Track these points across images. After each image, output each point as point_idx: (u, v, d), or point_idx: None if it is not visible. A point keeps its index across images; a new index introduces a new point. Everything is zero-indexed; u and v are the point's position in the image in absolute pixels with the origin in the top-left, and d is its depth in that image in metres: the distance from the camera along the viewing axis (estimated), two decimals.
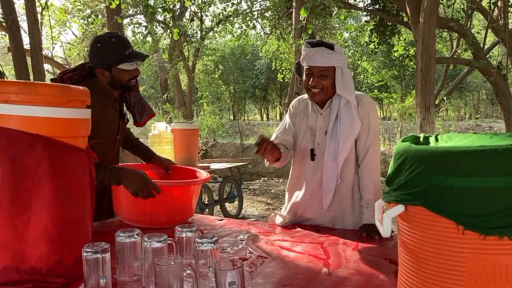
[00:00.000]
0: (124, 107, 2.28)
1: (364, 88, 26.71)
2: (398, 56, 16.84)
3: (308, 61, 2.00)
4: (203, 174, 2.23)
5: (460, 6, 9.56)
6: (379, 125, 2.12)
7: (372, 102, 2.11)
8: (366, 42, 11.28)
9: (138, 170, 1.95)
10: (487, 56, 8.51)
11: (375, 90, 23.96)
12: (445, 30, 10.55)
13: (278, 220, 2.13)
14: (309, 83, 2.01)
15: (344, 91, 1.99)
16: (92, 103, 1.53)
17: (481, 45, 7.29)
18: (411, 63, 20.40)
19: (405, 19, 8.54)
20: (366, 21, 11.05)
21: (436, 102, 10.43)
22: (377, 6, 9.40)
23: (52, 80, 2.10)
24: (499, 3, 6.97)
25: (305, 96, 2.17)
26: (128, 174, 1.90)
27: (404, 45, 14.81)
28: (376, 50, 10.97)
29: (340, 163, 1.99)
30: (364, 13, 10.09)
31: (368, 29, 10.64)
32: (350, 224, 2.05)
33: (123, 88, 2.14)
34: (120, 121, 2.21)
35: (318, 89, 2.01)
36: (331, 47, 1.99)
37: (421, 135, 1.05)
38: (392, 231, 1.14)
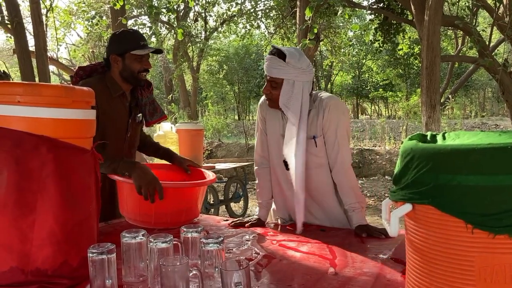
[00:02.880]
0: (139, 114, 2.29)
1: (369, 87, 26.69)
2: (403, 54, 16.81)
3: (264, 67, 1.98)
4: (209, 175, 2.22)
5: (465, 3, 9.52)
6: (349, 127, 2.07)
7: (341, 105, 2.03)
8: (371, 40, 11.24)
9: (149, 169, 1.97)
10: (493, 53, 8.46)
11: (380, 89, 23.93)
12: (450, 28, 10.51)
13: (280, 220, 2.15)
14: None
15: (286, 108, 1.92)
16: (99, 94, 1.57)
17: (487, 43, 7.24)
18: (416, 61, 20.38)
19: (410, 17, 8.51)
20: (370, 20, 11.02)
21: (442, 100, 10.39)
22: (381, 5, 9.37)
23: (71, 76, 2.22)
24: (504, 0, 6.93)
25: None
26: (142, 169, 1.92)
27: (408, 43, 14.75)
28: (380, 48, 10.94)
29: (299, 185, 1.94)
30: (369, 11, 10.06)
31: (373, 27, 10.61)
32: (339, 222, 2.06)
33: (133, 79, 2.15)
34: (130, 118, 2.22)
35: (269, 97, 1.99)
36: (283, 57, 1.90)
37: (428, 133, 1.04)
38: None
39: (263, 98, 2.17)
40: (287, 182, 2.05)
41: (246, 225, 2.04)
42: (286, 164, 2.03)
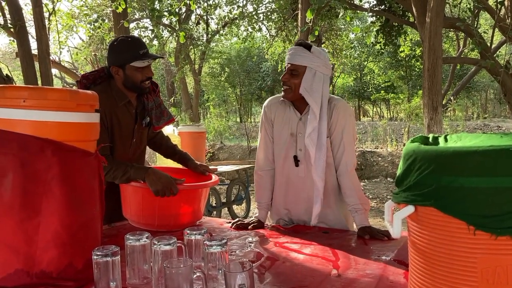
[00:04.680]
0: (147, 118, 2.29)
1: (370, 89, 26.68)
2: (404, 56, 16.81)
3: (286, 58, 2.04)
4: (211, 177, 2.23)
5: (467, 5, 9.53)
6: (355, 129, 2.11)
7: (348, 107, 2.08)
8: (372, 42, 11.24)
9: (163, 172, 1.99)
10: (495, 55, 8.45)
11: (382, 91, 23.90)
12: (452, 29, 10.51)
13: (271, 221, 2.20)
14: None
15: (307, 94, 1.97)
16: (105, 103, 1.59)
17: (488, 44, 7.24)
18: (418, 63, 20.35)
19: (411, 19, 8.52)
20: (372, 22, 11.03)
21: (443, 102, 10.38)
22: (383, 7, 9.38)
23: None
24: (506, 2, 6.93)
25: (280, 97, 2.12)
26: (155, 173, 1.94)
27: (410, 45, 14.77)
28: (382, 50, 10.94)
29: (316, 172, 1.98)
30: (370, 13, 10.07)
31: (374, 29, 10.62)
32: (337, 224, 2.09)
33: (137, 89, 2.15)
34: (136, 125, 2.22)
35: (287, 86, 2.02)
36: (308, 47, 1.99)
37: (430, 136, 1.05)
38: None
39: (268, 100, 2.20)
40: (297, 179, 2.08)
41: (249, 227, 2.05)
42: (296, 160, 2.05)
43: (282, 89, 2.05)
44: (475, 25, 7.33)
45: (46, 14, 7.70)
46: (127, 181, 1.97)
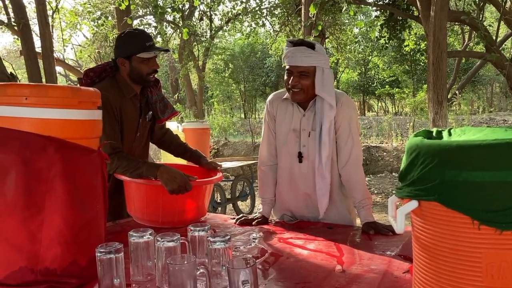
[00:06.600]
0: (150, 112, 2.30)
1: (375, 83, 26.59)
2: (409, 50, 16.75)
3: (288, 60, 1.97)
4: (216, 173, 2.23)
5: None
6: (359, 125, 2.10)
7: (352, 102, 2.08)
8: (377, 37, 11.19)
9: (176, 169, 1.99)
10: (500, 48, 8.39)
11: (387, 86, 23.83)
12: (457, 23, 10.44)
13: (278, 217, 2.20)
14: (289, 82, 1.98)
15: (324, 92, 1.96)
16: (113, 96, 1.68)
17: (494, 38, 7.19)
18: (423, 57, 20.27)
19: (416, 13, 8.47)
20: (376, 16, 10.98)
21: (449, 96, 10.33)
22: (387, 1, 9.33)
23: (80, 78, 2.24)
24: None
25: (284, 94, 2.11)
26: (168, 172, 1.93)
27: (415, 39, 14.68)
28: (386, 45, 10.92)
29: (326, 166, 1.99)
30: (374, 8, 10.03)
31: (378, 24, 10.57)
32: (341, 219, 2.09)
33: (142, 81, 2.16)
34: (140, 119, 2.23)
35: (298, 89, 1.98)
36: (312, 46, 1.95)
37: (434, 130, 1.04)
38: None
39: (272, 95, 2.19)
40: (299, 175, 2.07)
41: (253, 223, 2.05)
42: (300, 156, 2.05)
43: (292, 92, 2.00)
44: (480, 18, 7.28)
45: (49, 12, 7.71)
46: (138, 177, 1.97)
